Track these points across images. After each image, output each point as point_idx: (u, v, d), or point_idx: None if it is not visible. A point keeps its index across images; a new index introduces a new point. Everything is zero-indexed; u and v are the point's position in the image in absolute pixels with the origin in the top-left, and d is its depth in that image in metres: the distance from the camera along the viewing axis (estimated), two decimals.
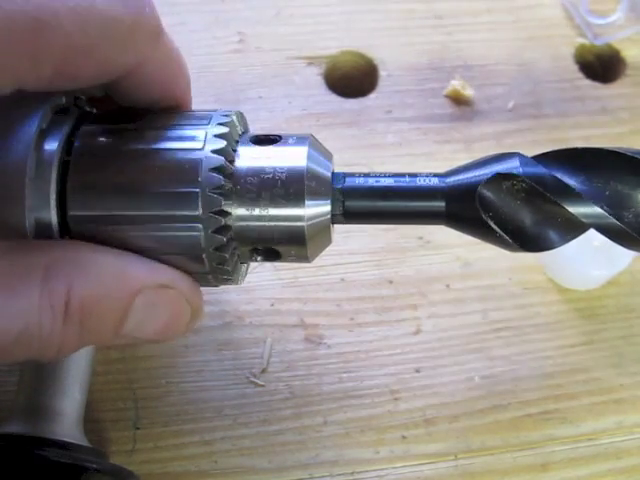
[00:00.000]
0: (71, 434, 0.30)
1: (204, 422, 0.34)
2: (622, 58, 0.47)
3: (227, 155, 0.24)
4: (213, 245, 0.24)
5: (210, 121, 0.25)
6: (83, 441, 0.30)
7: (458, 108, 0.44)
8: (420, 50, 0.46)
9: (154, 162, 0.24)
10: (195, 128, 0.25)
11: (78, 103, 0.27)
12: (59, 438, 0.29)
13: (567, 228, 0.25)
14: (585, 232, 0.25)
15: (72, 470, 0.28)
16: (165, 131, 0.25)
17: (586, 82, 0.45)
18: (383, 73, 0.45)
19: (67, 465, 0.28)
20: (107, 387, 0.34)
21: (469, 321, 0.37)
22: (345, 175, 0.26)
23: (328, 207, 0.25)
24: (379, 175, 0.26)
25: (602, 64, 0.47)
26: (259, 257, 0.26)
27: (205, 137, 0.25)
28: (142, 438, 0.33)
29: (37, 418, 0.29)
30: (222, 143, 0.24)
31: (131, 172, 0.24)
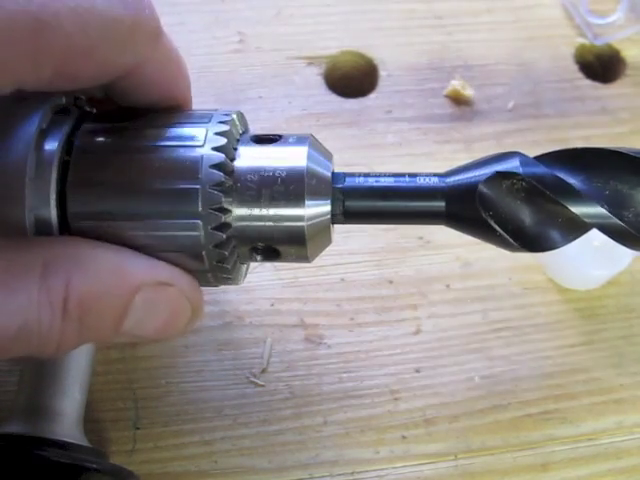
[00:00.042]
0: (71, 434, 0.30)
1: (204, 422, 0.34)
2: (622, 58, 0.47)
3: (228, 153, 0.24)
4: (213, 242, 0.24)
5: (211, 119, 0.25)
6: (83, 441, 0.30)
7: (458, 108, 0.44)
8: (420, 50, 0.46)
9: (154, 159, 0.24)
10: (196, 126, 0.25)
11: (78, 103, 0.27)
12: (59, 438, 0.29)
13: (569, 228, 0.25)
14: (587, 232, 0.25)
15: (72, 470, 0.28)
16: (165, 129, 0.25)
17: (586, 82, 0.45)
18: (383, 73, 0.45)
19: (67, 465, 0.28)
20: (107, 387, 0.34)
21: (469, 321, 0.37)
22: (345, 175, 0.26)
23: (328, 207, 0.25)
24: (379, 175, 0.26)
25: (602, 64, 0.47)
26: (259, 257, 0.26)
27: (206, 135, 0.25)
28: (142, 438, 0.33)
29: (37, 418, 0.29)
30: (223, 140, 0.24)
31: (131, 169, 0.24)
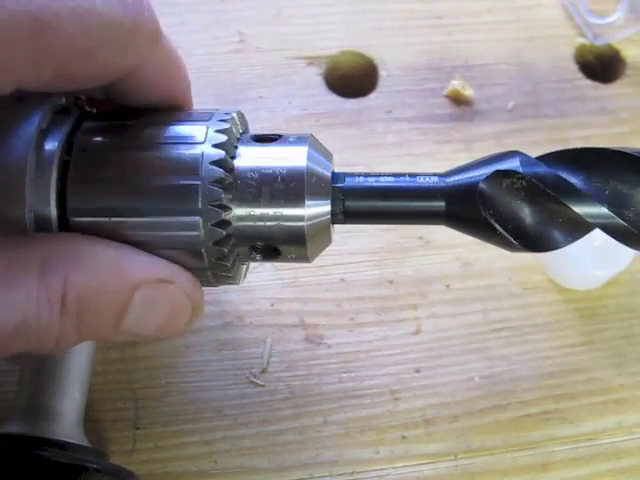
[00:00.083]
0: (71, 434, 0.30)
1: (204, 422, 0.34)
2: (622, 58, 0.47)
3: (228, 150, 0.24)
4: (212, 239, 0.24)
5: (211, 118, 0.25)
6: (83, 441, 0.30)
7: (458, 108, 0.44)
8: (420, 50, 0.46)
9: (155, 156, 0.24)
10: (196, 124, 0.25)
11: (78, 103, 0.27)
12: (59, 438, 0.29)
13: (571, 228, 0.25)
14: (589, 232, 0.25)
15: (72, 470, 0.28)
16: (166, 127, 0.25)
17: (586, 82, 0.45)
18: (383, 73, 0.45)
19: (67, 465, 0.28)
20: (107, 387, 0.34)
21: (469, 321, 0.37)
22: (345, 175, 0.26)
23: (328, 207, 0.25)
24: (379, 175, 0.26)
25: (602, 64, 0.47)
26: (258, 256, 0.26)
27: (206, 132, 0.25)
28: (142, 438, 0.33)
29: (37, 418, 0.29)
30: (223, 138, 0.25)
31: (132, 166, 0.24)
